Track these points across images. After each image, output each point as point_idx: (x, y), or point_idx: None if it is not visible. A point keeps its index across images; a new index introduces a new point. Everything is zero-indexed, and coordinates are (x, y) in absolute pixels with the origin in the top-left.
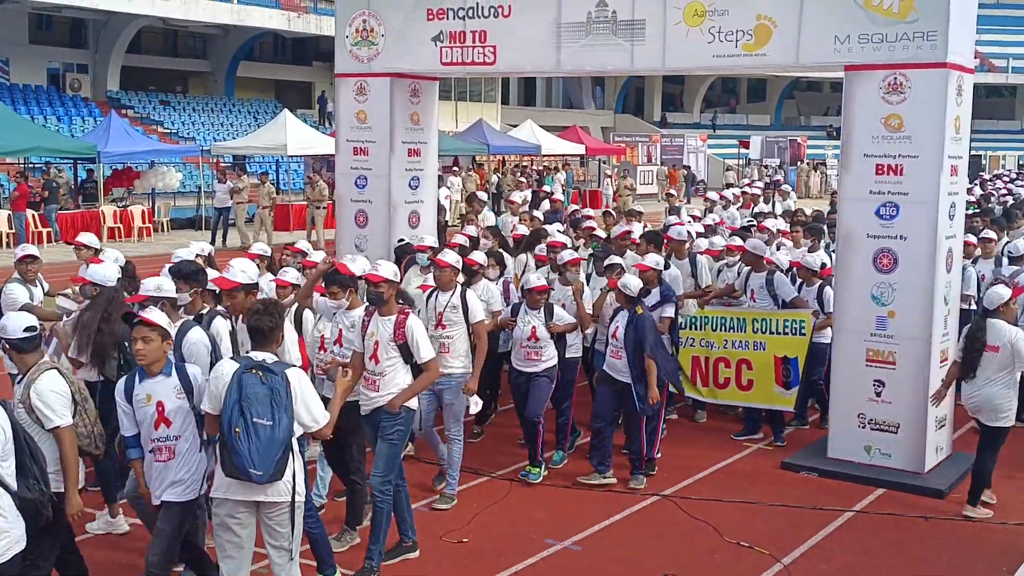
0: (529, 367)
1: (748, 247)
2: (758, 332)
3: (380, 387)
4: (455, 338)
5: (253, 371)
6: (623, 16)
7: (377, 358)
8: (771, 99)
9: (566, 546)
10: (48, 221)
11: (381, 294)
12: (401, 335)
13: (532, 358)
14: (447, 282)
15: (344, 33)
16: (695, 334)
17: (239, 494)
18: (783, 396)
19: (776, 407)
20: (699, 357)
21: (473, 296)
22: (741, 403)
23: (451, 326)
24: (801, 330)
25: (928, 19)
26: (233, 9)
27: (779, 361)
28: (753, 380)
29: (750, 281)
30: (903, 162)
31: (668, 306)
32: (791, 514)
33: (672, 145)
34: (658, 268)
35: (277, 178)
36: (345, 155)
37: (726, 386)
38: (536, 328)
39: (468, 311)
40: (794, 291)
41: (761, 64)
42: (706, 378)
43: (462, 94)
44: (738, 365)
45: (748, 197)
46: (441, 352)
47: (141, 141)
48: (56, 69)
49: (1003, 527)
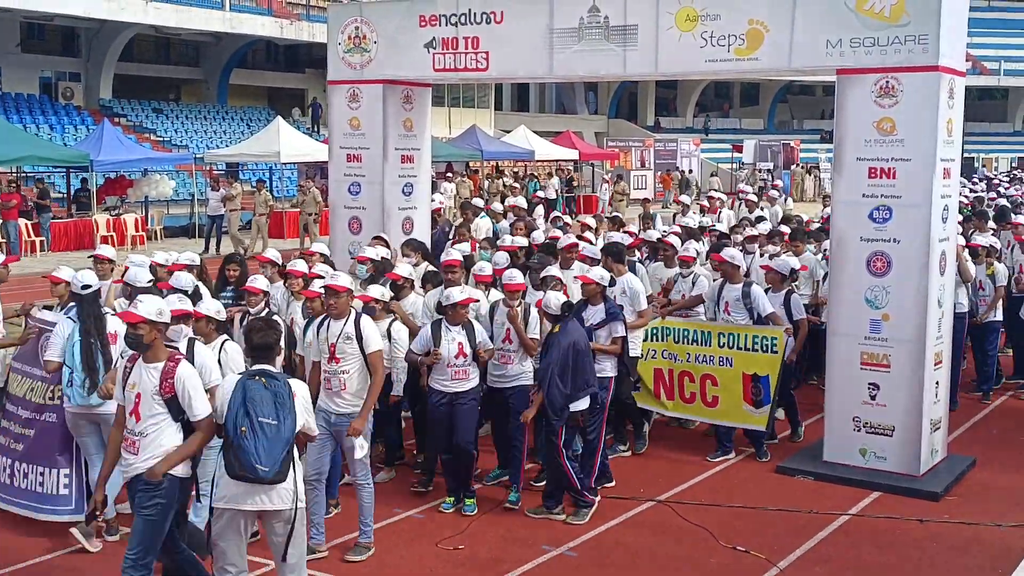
0: (457, 386)
1: (725, 257)
2: (724, 347)
3: (140, 449)
4: (351, 373)
5: (256, 378)
6: (615, 21)
7: (138, 414)
8: (764, 103)
9: (562, 552)
10: (41, 230)
11: (140, 337)
12: (169, 387)
13: (460, 377)
14: (342, 309)
15: (336, 40)
16: (656, 345)
17: (244, 503)
18: (752, 415)
19: (745, 426)
20: (661, 369)
21: (369, 324)
22: (708, 420)
23: (346, 359)
24: (773, 347)
25: (919, 23)
26: (225, 17)
27: (748, 379)
28: (719, 397)
29: (724, 293)
30: (896, 165)
31: (617, 324)
32: (787, 518)
33: (665, 150)
34: (602, 283)
35: (271, 185)
36: (338, 162)
37: (692, 401)
38: (463, 344)
39: (364, 340)
40: (771, 306)
41: (753, 68)
42: (671, 391)
43: (455, 100)
44: (702, 380)
45: (714, 202)
46: (336, 390)
47: (134, 149)
48: (48, 78)
49: (998, 529)
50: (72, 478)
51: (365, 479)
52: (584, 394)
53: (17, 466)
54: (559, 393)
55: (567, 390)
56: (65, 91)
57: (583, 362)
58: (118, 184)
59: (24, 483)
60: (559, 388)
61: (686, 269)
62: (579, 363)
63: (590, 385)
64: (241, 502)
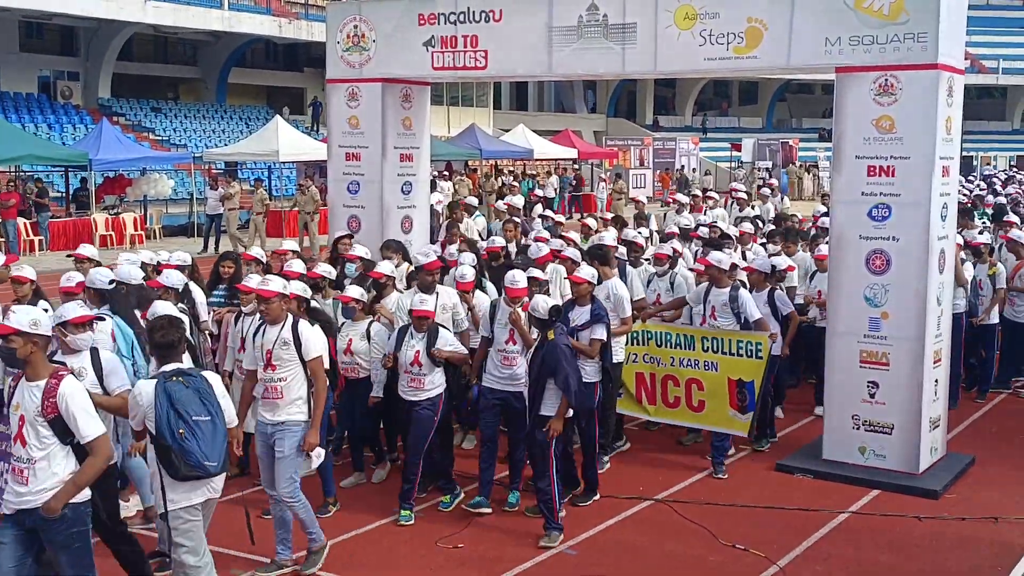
0: (412, 395)
1: (712, 260)
2: (709, 351)
3: (29, 479)
4: (289, 380)
5: (174, 378)
6: (614, 19)
7: (23, 439)
8: (763, 102)
9: (562, 550)
10: (40, 229)
11: (13, 351)
12: (52, 407)
13: (415, 385)
14: (275, 314)
15: (335, 39)
16: (637, 349)
17: (195, 498)
18: (738, 420)
19: (731, 431)
20: (643, 374)
21: (308, 329)
22: (694, 425)
23: (282, 366)
24: (758, 353)
25: (918, 20)
26: (224, 16)
27: (733, 384)
28: (705, 401)
29: (711, 297)
30: (895, 163)
31: (599, 327)
32: (786, 516)
33: (664, 148)
34: (592, 282)
35: (270, 184)
36: (337, 161)
37: (676, 405)
38: (419, 353)
39: (302, 347)
40: (758, 311)
41: (752, 67)
42: (652, 396)
43: (454, 99)
44: (687, 385)
45: (699, 200)
46: (272, 398)
47: (133, 148)
48: (47, 77)
49: (997, 526)
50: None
51: (292, 497)
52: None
53: None
54: (580, 393)
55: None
56: (64, 90)
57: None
58: (117, 183)
59: None
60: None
61: (661, 268)
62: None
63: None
64: (193, 498)
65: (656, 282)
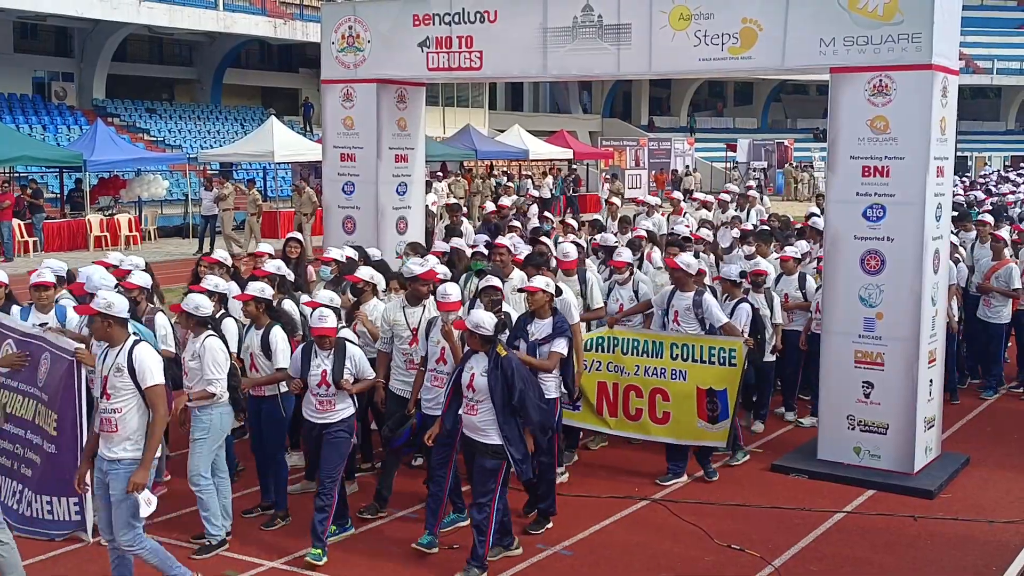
0: (320, 418)
1: (679, 263)
2: (678, 359)
3: None
4: (124, 412)
5: None
6: (609, 20)
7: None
8: (758, 102)
9: (557, 551)
10: (35, 230)
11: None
12: None
13: (323, 408)
14: (104, 336)
15: (330, 39)
16: (601, 356)
17: None
18: (709, 431)
19: (700, 443)
20: (606, 383)
21: (145, 353)
22: (656, 439)
23: (116, 395)
24: (732, 360)
25: (912, 21)
26: (219, 16)
27: (703, 393)
28: (670, 413)
29: (674, 301)
30: (889, 164)
31: (560, 340)
32: (781, 516)
33: (659, 149)
34: (547, 290)
35: (264, 185)
36: (332, 161)
37: (638, 418)
38: (327, 373)
39: (137, 373)
40: (725, 316)
41: (747, 67)
42: (613, 407)
43: (449, 100)
44: (651, 395)
45: (678, 204)
46: (107, 431)
47: (127, 149)
48: (41, 78)
49: (992, 526)
50: (81, 503)
51: (131, 543)
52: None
53: (26, 493)
54: (540, 410)
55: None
56: (58, 91)
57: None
58: (111, 184)
59: (29, 511)
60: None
61: (621, 276)
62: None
63: None
64: None
65: (618, 291)
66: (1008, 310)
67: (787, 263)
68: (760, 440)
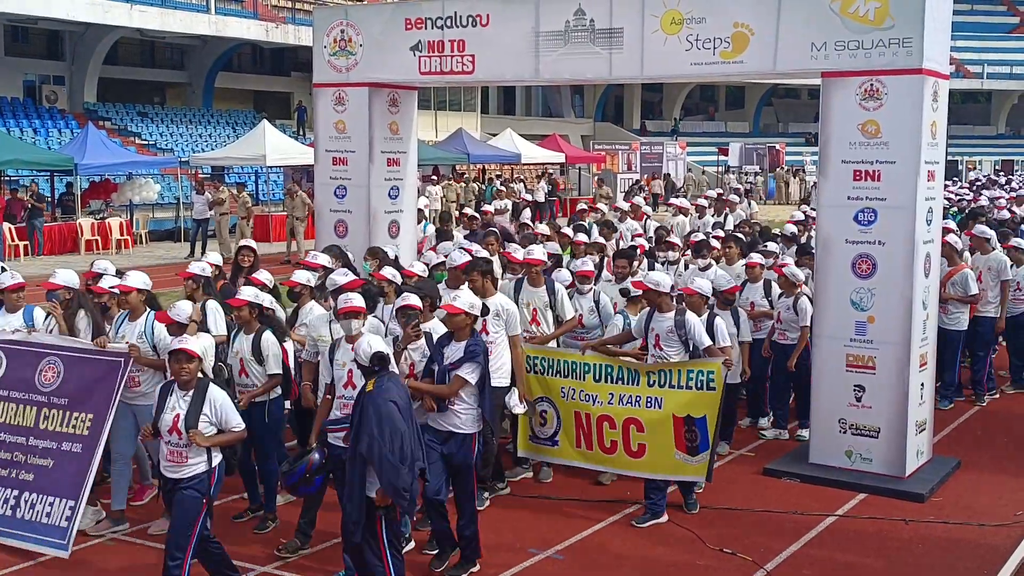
0: (173, 472)
1: (649, 283)
2: (655, 386)
3: None
4: None
5: None
6: (601, 24)
7: None
8: (749, 106)
9: (549, 555)
10: (30, 234)
11: None
12: None
13: (173, 460)
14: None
15: (322, 43)
16: (575, 384)
17: None
18: (688, 464)
19: (679, 478)
20: (580, 413)
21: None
22: (633, 473)
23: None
24: (710, 384)
25: (903, 26)
26: (211, 20)
27: (680, 421)
28: (645, 445)
29: (653, 324)
30: (880, 168)
31: (468, 365)
32: (773, 520)
33: (651, 153)
34: (472, 313)
35: (256, 189)
36: (324, 165)
37: (613, 451)
38: (180, 417)
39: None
40: (708, 338)
41: (739, 71)
42: (589, 439)
43: (442, 103)
44: (624, 425)
45: (638, 209)
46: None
47: (119, 153)
48: (32, 81)
49: (983, 529)
50: (75, 511)
51: None
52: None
53: (26, 496)
54: (391, 467)
55: (402, 462)
56: (49, 94)
57: (412, 428)
58: (103, 188)
59: (30, 514)
60: (391, 462)
61: (584, 285)
62: (408, 427)
63: (414, 460)
64: None
65: (578, 300)
66: (966, 316)
67: (753, 269)
68: (752, 444)
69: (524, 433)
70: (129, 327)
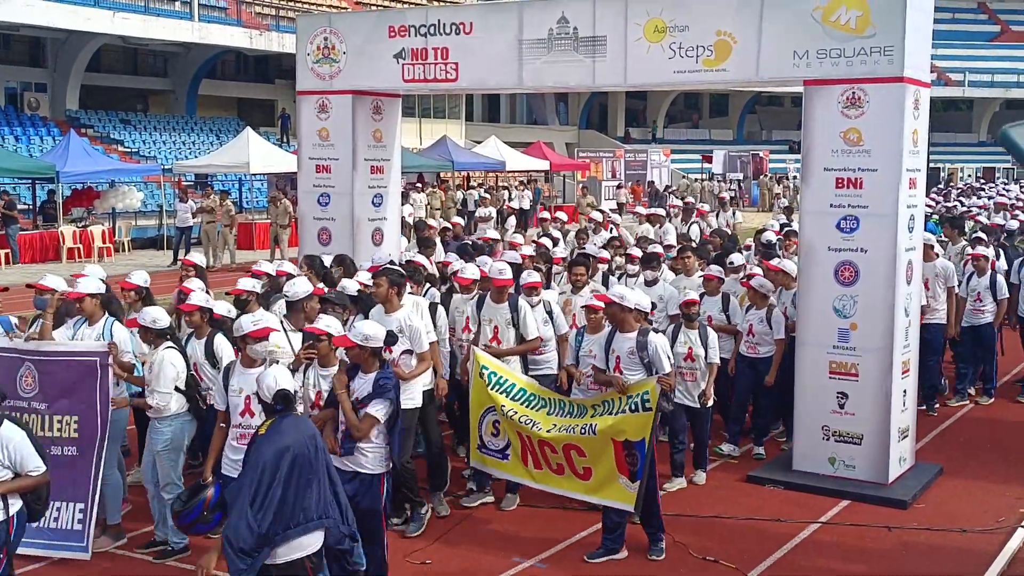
0: None
1: (612, 296)
2: (596, 415)
3: None
4: None
5: None
6: (584, 32)
7: None
8: (733, 114)
9: (533, 564)
10: (8, 242)
11: None
12: None
13: None
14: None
15: (305, 51)
16: (516, 406)
17: None
18: (626, 490)
19: (617, 505)
20: (523, 434)
21: None
22: (583, 497)
23: None
24: (645, 404)
25: (885, 34)
26: (194, 27)
27: (619, 445)
28: (591, 468)
29: (614, 344)
30: (862, 175)
31: (377, 402)
32: (757, 527)
33: (636, 160)
34: (365, 345)
35: (240, 196)
36: (307, 173)
37: (562, 472)
38: None
39: None
40: (668, 365)
41: (721, 79)
42: (537, 459)
43: (426, 111)
44: (566, 451)
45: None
46: None
47: (101, 160)
48: (14, 88)
49: (965, 536)
50: (87, 512)
51: None
52: (302, 530)
53: None
54: (247, 528)
55: (259, 525)
56: (31, 102)
57: (304, 479)
58: (85, 196)
59: (40, 522)
60: (248, 520)
61: (532, 297)
62: (295, 481)
63: (318, 517)
64: None
65: None
66: None
67: (710, 282)
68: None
69: (475, 441)
70: (88, 332)
